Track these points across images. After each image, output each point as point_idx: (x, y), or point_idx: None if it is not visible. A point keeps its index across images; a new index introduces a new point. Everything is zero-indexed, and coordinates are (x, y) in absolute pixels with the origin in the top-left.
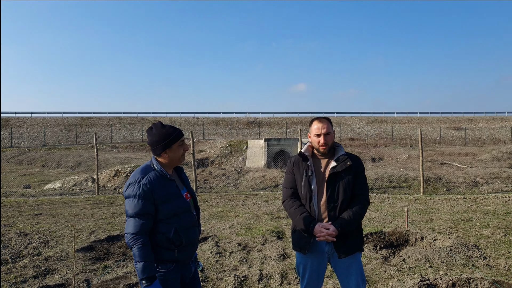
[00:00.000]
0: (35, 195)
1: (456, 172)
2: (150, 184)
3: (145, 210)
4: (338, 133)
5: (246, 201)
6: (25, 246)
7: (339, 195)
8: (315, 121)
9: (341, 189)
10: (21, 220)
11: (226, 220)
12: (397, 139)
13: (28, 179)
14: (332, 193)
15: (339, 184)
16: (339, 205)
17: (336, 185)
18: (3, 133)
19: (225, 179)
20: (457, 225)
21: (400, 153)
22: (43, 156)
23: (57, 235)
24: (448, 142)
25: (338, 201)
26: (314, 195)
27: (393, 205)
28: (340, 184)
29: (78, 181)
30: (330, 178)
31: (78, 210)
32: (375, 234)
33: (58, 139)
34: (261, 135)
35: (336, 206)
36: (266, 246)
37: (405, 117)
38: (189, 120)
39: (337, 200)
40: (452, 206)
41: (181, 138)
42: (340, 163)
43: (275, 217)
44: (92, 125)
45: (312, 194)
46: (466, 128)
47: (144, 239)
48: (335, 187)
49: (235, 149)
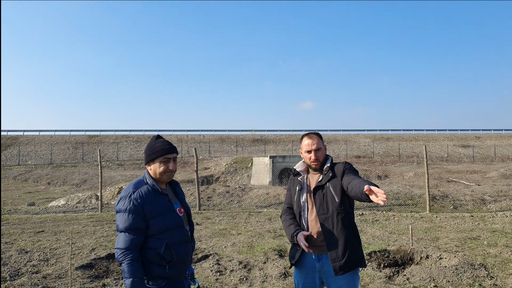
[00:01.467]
0: (38, 213)
1: (463, 189)
2: (141, 198)
3: (135, 225)
4: (344, 151)
5: (249, 218)
6: (24, 264)
7: (329, 205)
8: (305, 137)
9: (329, 199)
10: (23, 238)
11: (228, 238)
12: (403, 156)
13: (33, 197)
14: (321, 205)
15: (326, 195)
16: (331, 214)
17: (323, 197)
18: (11, 151)
19: (228, 197)
20: (464, 244)
21: (407, 170)
22: (49, 173)
23: (58, 252)
24: (456, 159)
25: (329, 211)
26: (304, 209)
27: (398, 222)
28: (327, 194)
29: (82, 198)
30: (315, 192)
31: (80, 228)
32: (379, 252)
33: (65, 157)
34: (266, 152)
35: (328, 216)
36: (268, 265)
37: (412, 135)
38: (195, 138)
39: (327, 211)
40: (459, 224)
41: (164, 155)
42: (324, 176)
43: (278, 235)
44: (99, 143)
45: (301, 209)
46: (474, 146)
47: (133, 255)
48: (323, 199)
49: (240, 166)
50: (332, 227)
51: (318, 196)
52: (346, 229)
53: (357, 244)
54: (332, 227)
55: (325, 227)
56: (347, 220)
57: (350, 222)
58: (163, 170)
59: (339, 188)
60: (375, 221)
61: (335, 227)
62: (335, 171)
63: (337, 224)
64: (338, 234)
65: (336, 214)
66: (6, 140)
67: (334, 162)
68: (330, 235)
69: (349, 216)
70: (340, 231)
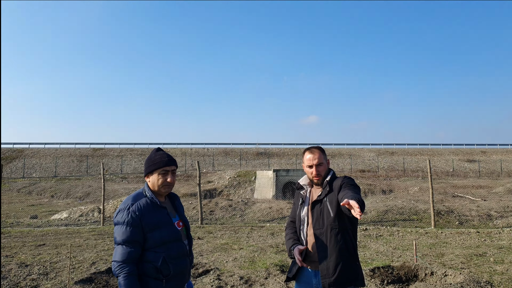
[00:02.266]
0: (40, 226)
1: (469, 205)
2: (139, 211)
3: (133, 237)
4: (349, 165)
5: (252, 233)
6: (24, 278)
7: (324, 220)
8: (306, 151)
9: (325, 214)
10: (24, 251)
11: (229, 252)
12: (408, 171)
13: (35, 210)
14: (317, 220)
15: (323, 209)
16: (325, 229)
17: (321, 211)
18: (16, 163)
19: (231, 210)
20: (470, 260)
21: (412, 185)
22: (53, 186)
23: (58, 266)
24: (461, 174)
25: (324, 225)
26: (303, 223)
27: (403, 238)
28: (324, 209)
29: (85, 211)
30: (313, 206)
31: (81, 241)
32: (382, 269)
33: (69, 170)
34: (270, 166)
35: (323, 231)
36: (269, 280)
37: (416, 149)
38: (199, 151)
39: (323, 225)
40: (465, 240)
41: (163, 167)
42: (323, 190)
43: (280, 250)
44: (104, 156)
45: (301, 223)
46: (480, 161)
47: (130, 268)
48: (320, 214)
49: (243, 180)
50: (326, 243)
51: (315, 211)
52: (339, 245)
53: (352, 261)
54: (326, 243)
55: (319, 242)
56: (341, 235)
57: (345, 238)
58: (161, 182)
59: (335, 202)
60: (379, 236)
61: (328, 242)
62: (333, 185)
63: (330, 240)
64: (330, 250)
65: (330, 229)
66: (11, 152)
67: (335, 176)
68: (323, 251)
69: (344, 232)
70: (332, 247)
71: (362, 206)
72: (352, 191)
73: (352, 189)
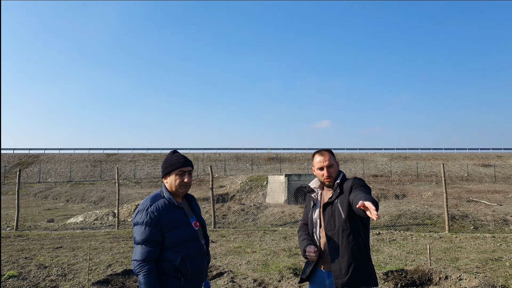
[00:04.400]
0: (57, 229)
1: (484, 209)
2: (157, 211)
3: (152, 237)
4: (361, 170)
5: (264, 237)
6: (43, 279)
7: (336, 221)
8: (316, 154)
9: (336, 215)
10: (42, 253)
11: (243, 256)
12: (421, 176)
13: (52, 213)
14: (329, 222)
15: (334, 211)
16: (337, 230)
17: (332, 213)
18: (32, 168)
19: (243, 215)
20: (485, 265)
21: (425, 190)
22: (68, 191)
23: (75, 268)
24: (477, 179)
25: (335, 227)
26: (315, 226)
27: (416, 242)
28: (335, 210)
29: (100, 215)
30: (325, 208)
31: (97, 244)
32: (396, 272)
33: (83, 175)
34: (282, 170)
35: (335, 233)
36: (283, 283)
37: (430, 154)
38: (211, 156)
39: (334, 227)
40: (480, 244)
41: (180, 168)
42: (333, 192)
43: (293, 254)
44: (117, 161)
45: (313, 225)
46: (495, 165)
47: (150, 267)
48: (331, 215)
49: (255, 185)
50: (338, 243)
51: (327, 213)
52: (350, 245)
53: (364, 262)
54: (338, 243)
55: (332, 243)
56: (353, 236)
57: (357, 239)
58: (179, 183)
59: (346, 204)
60: (392, 240)
61: (340, 243)
62: (343, 187)
63: (342, 241)
64: (342, 250)
65: (342, 231)
66: (27, 158)
67: (345, 178)
68: (335, 251)
69: (356, 233)
70: (344, 247)
71: (376, 207)
72: (363, 192)
73: (363, 190)
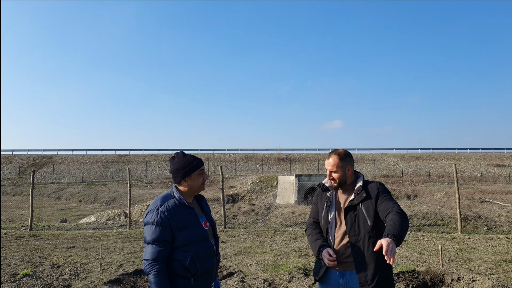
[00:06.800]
0: (70, 229)
1: (498, 210)
2: (168, 211)
3: (162, 237)
4: (372, 170)
5: (275, 237)
6: (56, 278)
7: (360, 227)
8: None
9: (361, 221)
10: (55, 253)
11: (253, 256)
12: (433, 176)
13: (65, 214)
14: (352, 227)
15: (358, 216)
16: (362, 237)
17: (355, 218)
18: (45, 169)
19: (254, 215)
20: (499, 266)
21: (437, 190)
22: (80, 191)
23: (88, 267)
24: (490, 179)
25: (360, 233)
26: (331, 226)
27: (428, 243)
28: (359, 216)
29: (112, 215)
30: (347, 211)
31: (109, 244)
32: (407, 273)
33: (95, 176)
34: (292, 171)
35: (360, 239)
36: (293, 283)
37: (442, 154)
38: (221, 157)
39: (359, 233)
40: (493, 246)
41: (200, 167)
42: (356, 196)
43: (303, 254)
44: (128, 162)
45: (329, 225)
46: (510, 165)
47: (160, 266)
48: (355, 220)
49: (265, 185)
50: (363, 250)
51: (349, 217)
52: (377, 253)
53: (388, 269)
54: (363, 250)
55: (356, 249)
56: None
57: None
58: (201, 181)
59: (372, 210)
60: (404, 241)
61: (365, 250)
62: (369, 191)
63: (368, 248)
64: (368, 258)
65: (368, 238)
66: (41, 159)
67: (367, 180)
68: (360, 258)
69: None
70: (370, 255)
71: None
72: (392, 203)
73: (391, 199)
